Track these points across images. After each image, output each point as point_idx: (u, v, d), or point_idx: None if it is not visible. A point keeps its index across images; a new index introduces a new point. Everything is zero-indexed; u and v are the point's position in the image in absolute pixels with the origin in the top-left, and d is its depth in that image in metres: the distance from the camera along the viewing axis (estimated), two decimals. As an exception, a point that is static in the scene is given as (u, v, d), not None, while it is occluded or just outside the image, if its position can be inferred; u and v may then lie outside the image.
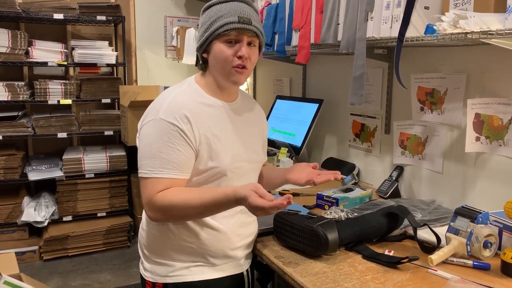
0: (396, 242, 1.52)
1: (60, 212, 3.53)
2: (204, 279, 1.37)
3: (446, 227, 1.41)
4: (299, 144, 2.57)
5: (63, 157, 3.51)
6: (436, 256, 1.31)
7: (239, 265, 1.44)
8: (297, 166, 1.55)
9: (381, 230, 1.50)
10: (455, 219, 1.39)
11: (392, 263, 1.33)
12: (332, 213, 1.50)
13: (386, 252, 1.41)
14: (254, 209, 1.17)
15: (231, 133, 1.38)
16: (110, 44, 3.79)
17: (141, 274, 1.45)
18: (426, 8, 1.50)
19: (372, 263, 1.36)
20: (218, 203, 1.24)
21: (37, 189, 3.74)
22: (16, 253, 2.63)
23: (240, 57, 1.30)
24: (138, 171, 1.31)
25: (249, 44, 1.33)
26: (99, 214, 3.65)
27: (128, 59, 3.94)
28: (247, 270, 1.48)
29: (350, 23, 1.75)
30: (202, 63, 1.40)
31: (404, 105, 2.07)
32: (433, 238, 1.42)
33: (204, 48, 1.35)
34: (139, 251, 1.47)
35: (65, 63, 3.48)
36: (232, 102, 1.43)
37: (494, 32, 1.25)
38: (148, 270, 1.40)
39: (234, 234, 1.40)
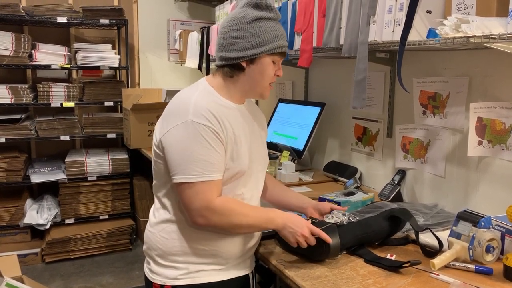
0: (398, 246, 1.52)
1: (62, 214, 3.54)
2: (214, 281, 1.37)
3: (448, 231, 1.41)
4: (301, 147, 2.57)
5: (65, 160, 3.53)
6: (438, 261, 1.31)
7: (246, 266, 1.46)
8: (320, 205, 1.60)
9: (383, 233, 1.50)
10: (457, 223, 1.39)
11: (394, 267, 1.33)
12: (334, 218, 1.49)
13: (388, 256, 1.41)
14: (297, 235, 1.33)
15: (247, 134, 1.40)
16: (113, 47, 3.80)
17: (146, 277, 1.44)
18: (428, 12, 1.50)
19: (374, 267, 1.36)
20: (263, 222, 1.36)
21: (39, 192, 3.76)
22: (18, 256, 2.64)
23: (277, 76, 1.41)
24: (177, 176, 1.27)
25: None
26: (101, 217, 3.66)
27: (131, 62, 3.96)
28: (251, 272, 1.50)
29: (352, 26, 1.76)
30: (233, 69, 1.37)
31: (406, 109, 2.07)
32: (435, 242, 1.42)
33: (250, 58, 1.34)
34: (145, 253, 1.46)
35: (68, 66, 3.50)
36: (242, 104, 1.45)
37: (496, 36, 1.25)
38: (156, 272, 1.39)
39: (247, 235, 1.42)
